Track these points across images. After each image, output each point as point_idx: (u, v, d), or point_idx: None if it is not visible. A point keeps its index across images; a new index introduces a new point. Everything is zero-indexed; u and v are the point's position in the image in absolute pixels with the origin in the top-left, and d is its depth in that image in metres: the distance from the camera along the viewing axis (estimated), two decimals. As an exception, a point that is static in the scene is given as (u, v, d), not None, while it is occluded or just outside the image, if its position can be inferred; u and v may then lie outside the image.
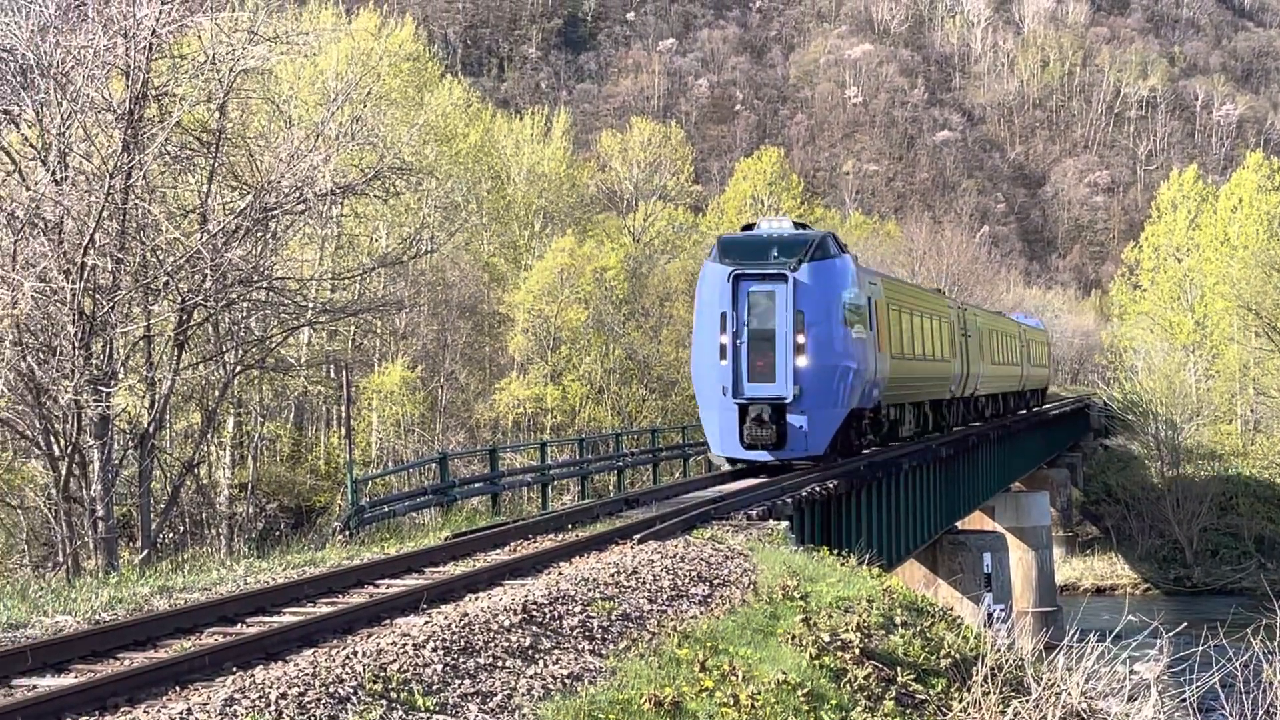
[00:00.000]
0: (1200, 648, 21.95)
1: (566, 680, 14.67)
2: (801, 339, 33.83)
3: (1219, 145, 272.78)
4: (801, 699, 16.23)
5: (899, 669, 19.25)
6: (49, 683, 12.58)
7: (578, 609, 17.27)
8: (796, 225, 37.36)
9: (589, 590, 18.43)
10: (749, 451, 34.56)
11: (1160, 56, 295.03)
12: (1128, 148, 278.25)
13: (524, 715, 13.40)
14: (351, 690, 12.27)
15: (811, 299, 34.13)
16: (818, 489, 31.97)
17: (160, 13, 30.13)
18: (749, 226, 38.06)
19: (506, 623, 15.74)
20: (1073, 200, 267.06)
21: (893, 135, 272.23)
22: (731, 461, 35.90)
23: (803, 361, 33.83)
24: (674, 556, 21.83)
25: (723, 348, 34.15)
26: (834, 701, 16.87)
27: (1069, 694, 19.80)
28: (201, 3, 31.83)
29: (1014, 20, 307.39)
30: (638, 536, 23.04)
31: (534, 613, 16.53)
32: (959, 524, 54.64)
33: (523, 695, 13.84)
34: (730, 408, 34.28)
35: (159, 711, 11.49)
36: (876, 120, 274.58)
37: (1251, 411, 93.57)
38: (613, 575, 19.65)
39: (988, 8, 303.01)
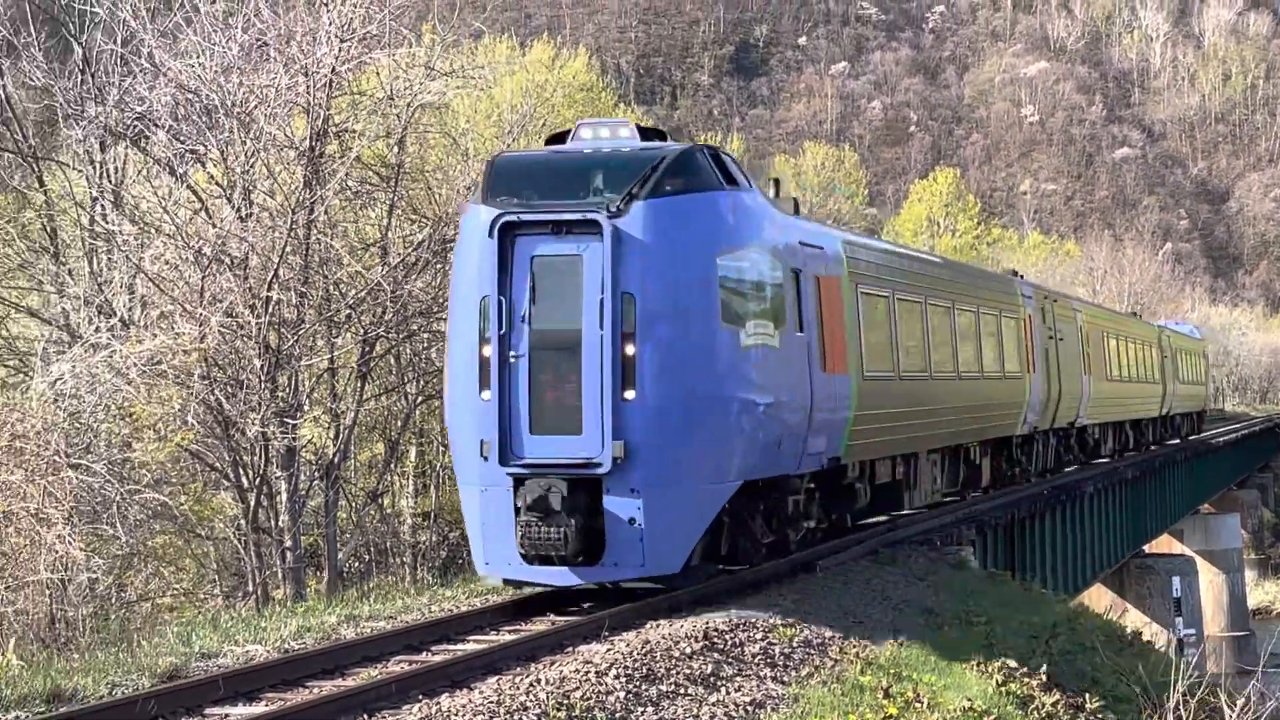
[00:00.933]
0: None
1: (748, 707, 14.74)
2: (632, 349, 18.69)
3: None
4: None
5: (1087, 696, 19.21)
6: (240, 711, 12.93)
7: (759, 635, 17.50)
8: (646, 134, 20.70)
9: (771, 617, 18.66)
10: (533, 568, 18.94)
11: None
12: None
13: (707, 743, 13.41)
14: (535, 718, 12.43)
15: (656, 270, 18.95)
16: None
17: (340, 51, 30.94)
18: (558, 138, 21.77)
19: (688, 650, 15.90)
20: (1258, 215, 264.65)
21: (1071, 153, 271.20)
22: (513, 585, 20.32)
23: (634, 393, 18.67)
24: (859, 583, 21.98)
25: (483, 365, 18.96)
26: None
27: (1265, 721, 19.88)
28: (380, 40, 32.51)
29: (1194, 34, 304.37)
30: (821, 564, 23.30)
31: (715, 639, 16.70)
32: (1146, 547, 55.16)
33: (706, 722, 13.99)
34: (496, 482, 18.99)
35: (348, 739, 11.77)
36: (1054, 139, 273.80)
37: None
38: (795, 603, 19.91)
39: (1166, 22, 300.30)
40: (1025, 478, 38.93)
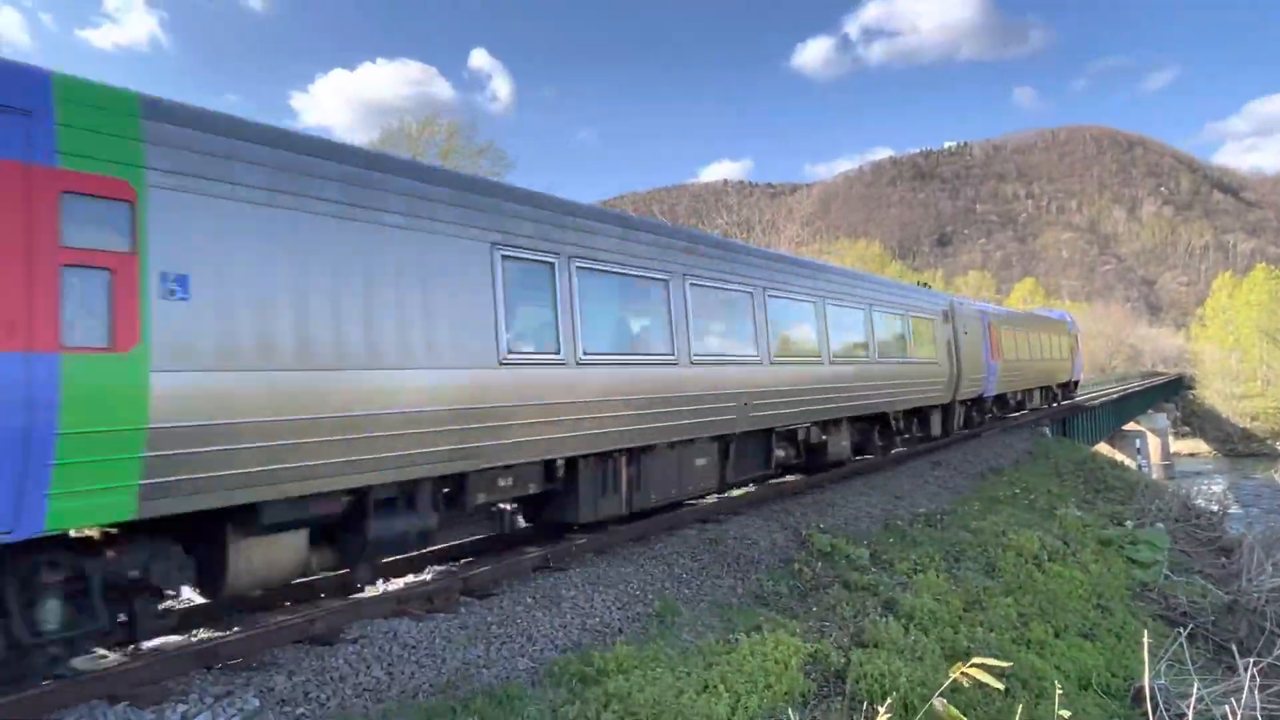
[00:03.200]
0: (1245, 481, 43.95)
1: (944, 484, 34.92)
2: None
3: None
4: (1045, 487, 37.41)
5: (1103, 487, 39.83)
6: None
7: (961, 455, 37.09)
8: None
9: (968, 453, 38.17)
10: None
11: None
12: None
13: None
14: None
15: None
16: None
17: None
18: None
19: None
20: (1171, 289, 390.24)
21: (1084, 269, 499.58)
22: None
23: None
24: (998, 441, 42.48)
25: None
26: (1057, 491, 37.90)
27: (1189, 495, 41.65)
28: (800, 243, 55.12)
29: (1138, 216, 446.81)
30: (999, 429, 44.18)
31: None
32: (1123, 427, 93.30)
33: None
34: None
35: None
36: (1077, 263, 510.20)
37: (1265, 375, 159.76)
38: (977, 447, 39.90)
39: (1123, 211, 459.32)
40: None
